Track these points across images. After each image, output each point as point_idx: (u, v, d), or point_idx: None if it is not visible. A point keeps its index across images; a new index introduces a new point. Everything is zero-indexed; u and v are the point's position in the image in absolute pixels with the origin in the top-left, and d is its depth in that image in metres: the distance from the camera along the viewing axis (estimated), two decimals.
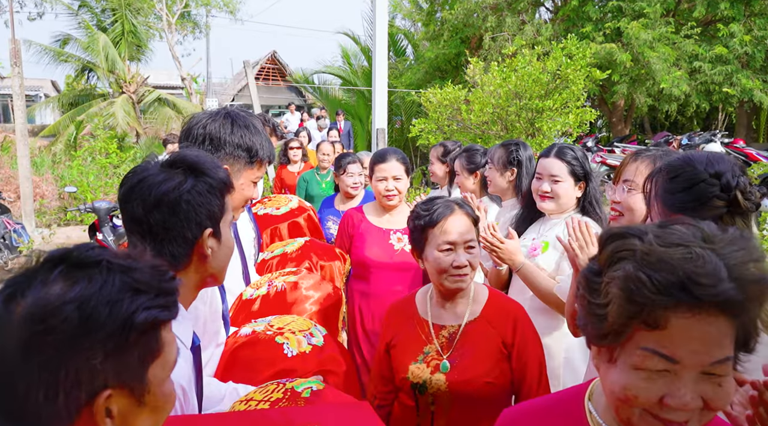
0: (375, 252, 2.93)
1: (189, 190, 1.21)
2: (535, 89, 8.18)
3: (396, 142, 16.09)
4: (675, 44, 12.53)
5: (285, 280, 2.07)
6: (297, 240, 2.54)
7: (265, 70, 25.67)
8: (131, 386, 0.74)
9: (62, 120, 16.23)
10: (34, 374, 0.69)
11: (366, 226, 3.00)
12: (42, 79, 27.21)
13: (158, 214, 1.19)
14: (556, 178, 2.45)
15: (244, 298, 2.03)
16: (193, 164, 1.25)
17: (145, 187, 1.20)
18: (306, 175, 6.21)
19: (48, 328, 0.68)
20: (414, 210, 1.96)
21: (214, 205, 1.24)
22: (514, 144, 3.09)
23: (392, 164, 2.96)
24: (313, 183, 6.14)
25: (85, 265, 0.74)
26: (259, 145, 1.76)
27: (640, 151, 2.07)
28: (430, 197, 2.08)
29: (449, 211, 1.88)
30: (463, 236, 1.86)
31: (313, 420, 1.10)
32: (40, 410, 0.69)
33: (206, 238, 1.23)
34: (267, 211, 2.92)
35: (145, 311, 0.73)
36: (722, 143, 11.73)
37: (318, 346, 1.63)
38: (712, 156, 1.49)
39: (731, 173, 1.43)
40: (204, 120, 1.73)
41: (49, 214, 10.44)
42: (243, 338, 1.64)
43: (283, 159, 7.11)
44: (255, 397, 1.31)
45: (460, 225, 1.87)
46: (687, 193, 1.46)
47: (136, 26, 16.91)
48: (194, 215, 1.21)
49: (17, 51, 9.25)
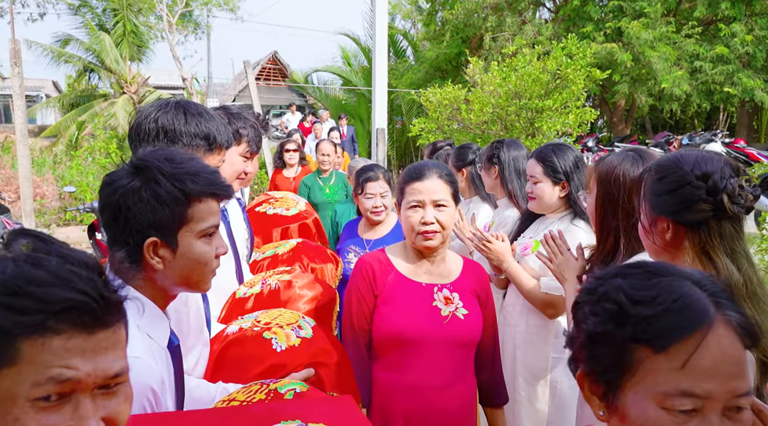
0: (413, 321, 1.93)
1: (128, 195, 1.16)
2: (535, 89, 8.16)
3: (396, 142, 16.10)
4: (676, 44, 12.51)
5: (279, 279, 2.06)
6: (289, 241, 2.52)
7: (266, 71, 25.70)
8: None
9: (63, 120, 16.25)
10: None
11: (396, 281, 2.00)
12: (43, 79, 27.25)
13: (103, 216, 1.18)
14: (534, 178, 2.50)
15: (237, 297, 2.02)
16: (148, 168, 1.19)
17: (102, 186, 1.20)
18: (307, 179, 5.51)
19: None
20: None
21: (160, 214, 1.16)
22: (498, 142, 3.10)
23: (432, 183, 1.95)
24: (315, 189, 5.42)
25: None
26: (216, 132, 1.69)
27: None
28: None
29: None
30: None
31: (296, 414, 1.09)
32: None
33: (147, 246, 1.17)
34: (276, 211, 2.90)
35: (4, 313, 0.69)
36: (723, 143, 11.67)
37: (307, 338, 1.61)
38: (701, 156, 1.43)
39: (719, 175, 1.37)
40: (154, 113, 1.64)
41: (49, 214, 10.45)
42: (230, 336, 1.63)
43: (278, 162, 6.34)
44: (237, 398, 1.30)
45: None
46: (672, 195, 1.41)
47: (137, 26, 16.94)
48: (134, 222, 1.16)
49: (17, 51, 9.26)
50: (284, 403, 1.21)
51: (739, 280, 1.39)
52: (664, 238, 1.46)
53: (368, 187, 3.20)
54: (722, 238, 1.40)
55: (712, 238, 1.39)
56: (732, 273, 1.37)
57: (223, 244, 1.28)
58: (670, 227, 1.44)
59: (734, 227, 1.41)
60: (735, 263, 1.39)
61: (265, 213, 2.83)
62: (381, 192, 3.20)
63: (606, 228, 1.90)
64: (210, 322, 1.68)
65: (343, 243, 3.32)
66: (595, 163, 1.98)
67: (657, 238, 1.47)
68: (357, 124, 16.03)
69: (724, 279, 1.36)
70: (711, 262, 1.39)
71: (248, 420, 1.10)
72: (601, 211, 1.90)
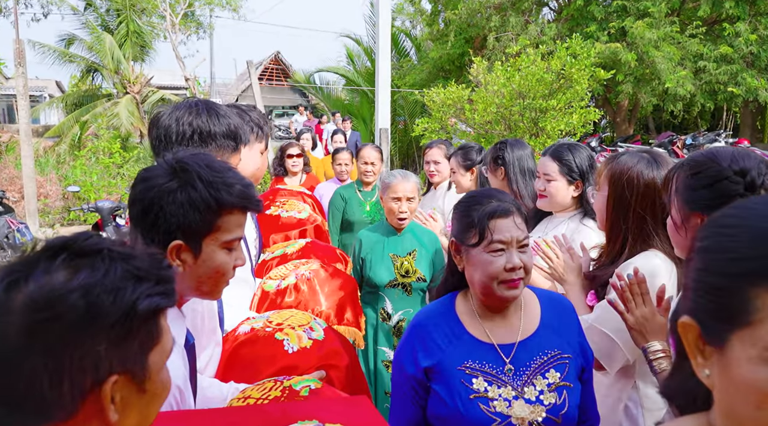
0: None
1: (164, 194, 1.16)
2: (539, 89, 8.15)
3: (399, 143, 16.10)
4: (680, 44, 12.50)
5: (309, 268, 2.10)
6: (298, 241, 2.53)
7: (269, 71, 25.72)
8: (133, 373, 0.75)
9: (67, 120, 16.29)
10: (38, 361, 0.68)
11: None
12: (47, 79, 27.32)
13: (133, 210, 1.18)
14: (548, 177, 2.46)
15: (265, 289, 2.03)
16: (187, 171, 1.18)
17: (137, 181, 1.20)
18: (345, 191, 4.32)
19: (54, 316, 0.69)
20: None
21: (190, 219, 1.16)
22: (502, 143, 3.09)
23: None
24: (354, 204, 4.25)
25: (87, 253, 0.75)
26: (241, 130, 1.70)
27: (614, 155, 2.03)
28: None
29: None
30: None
31: (313, 415, 1.09)
32: (44, 397, 0.69)
33: (172, 249, 1.17)
34: (290, 214, 2.92)
35: (147, 299, 0.74)
36: (727, 143, 11.67)
37: (319, 340, 1.61)
38: (737, 152, 1.42)
39: (757, 171, 1.36)
40: (186, 116, 1.61)
41: (53, 214, 10.46)
42: (242, 337, 1.63)
43: (279, 169, 5.25)
44: (253, 395, 1.30)
45: None
46: (709, 190, 1.38)
47: (140, 27, 16.98)
48: (163, 222, 1.15)
49: (21, 51, 9.27)
50: (301, 404, 1.21)
51: None
52: None
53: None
54: None
55: None
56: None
57: (242, 257, 1.27)
58: None
59: None
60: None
61: (279, 216, 2.85)
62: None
63: (616, 229, 1.89)
64: (223, 322, 1.68)
65: None
66: (608, 162, 1.97)
67: (690, 234, 1.43)
68: (360, 124, 16.04)
69: None
70: None
71: (265, 419, 1.09)
72: (612, 212, 1.89)
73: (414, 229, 3.09)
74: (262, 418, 1.10)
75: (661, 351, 1.54)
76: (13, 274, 0.72)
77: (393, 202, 2.99)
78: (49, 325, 0.69)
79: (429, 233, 3.11)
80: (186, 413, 1.14)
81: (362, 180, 4.33)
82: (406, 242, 3.04)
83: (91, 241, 0.76)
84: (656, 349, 1.55)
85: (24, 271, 0.72)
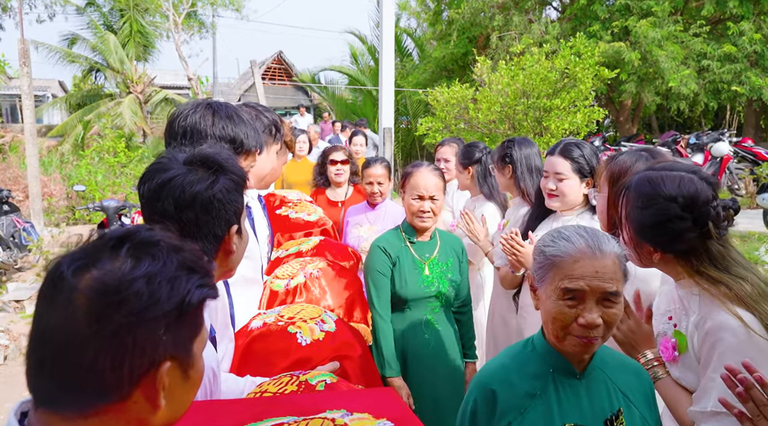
0: None
1: (221, 189, 1.23)
2: (543, 88, 8.16)
3: (402, 142, 16.10)
4: (683, 43, 12.46)
5: (316, 266, 2.10)
6: (311, 239, 2.53)
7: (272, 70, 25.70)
8: (182, 359, 0.79)
9: (70, 120, 16.34)
10: (103, 343, 0.72)
11: None
12: (50, 79, 27.36)
13: (191, 213, 1.21)
14: (561, 176, 2.45)
15: (274, 289, 2.04)
16: (217, 162, 1.26)
17: (176, 186, 1.21)
18: (389, 242, 2.65)
19: (121, 300, 0.73)
20: None
21: (239, 202, 1.27)
22: (509, 141, 3.09)
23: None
24: (406, 265, 2.50)
25: (147, 244, 0.79)
26: (244, 136, 1.70)
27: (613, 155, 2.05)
28: None
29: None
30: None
31: (341, 405, 1.10)
32: (105, 378, 0.73)
33: (233, 234, 1.27)
34: (299, 215, 2.93)
35: (198, 289, 0.79)
36: (731, 142, 11.62)
37: (331, 332, 1.63)
38: (683, 184, 1.42)
39: (703, 200, 1.40)
40: (185, 112, 1.66)
41: (58, 213, 10.48)
42: (255, 331, 1.64)
43: (320, 180, 4.44)
44: (269, 390, 1.31)
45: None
46: (659, 229, 1.43)
47: (144, 26, 17.01)
48: (224, 213, 1.24)
49: (26, 51, 9.29)
50: (329, 394, 1.22)
51: (758, 283, 1.40)
52: (652, 260, 1.50)
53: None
54: (712, 257, 1.43)
55: (702, 260, 1.43)
56: (742, 285, 1.39)
57: None
58: (658, 253, 1.48)
59: (721, 244, 1.44)
60: (735, 274, 1.42)
61: (287, 217, 2.85)
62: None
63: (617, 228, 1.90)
64: (234, 318, 1.69)
65: None
66: (607, 163, 1.98)
67: (644, 259, 1.51)
68: None
69: (738, 292, 1.38)
70: (712, 279, 1.42)
71: (294, 408, 1.11)
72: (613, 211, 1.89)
73: None
74: (291, 408, 1.12)
75: (654, 360, 1.56)
76: (78, 261, 0.75)
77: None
78: (116, 309, 0.72)
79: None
80: (216, 403, 1.16)
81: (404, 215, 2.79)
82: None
83: (150, 233, 0.81)
84: (650, 359, 1.57)
85: (89, 258, 0.76)
